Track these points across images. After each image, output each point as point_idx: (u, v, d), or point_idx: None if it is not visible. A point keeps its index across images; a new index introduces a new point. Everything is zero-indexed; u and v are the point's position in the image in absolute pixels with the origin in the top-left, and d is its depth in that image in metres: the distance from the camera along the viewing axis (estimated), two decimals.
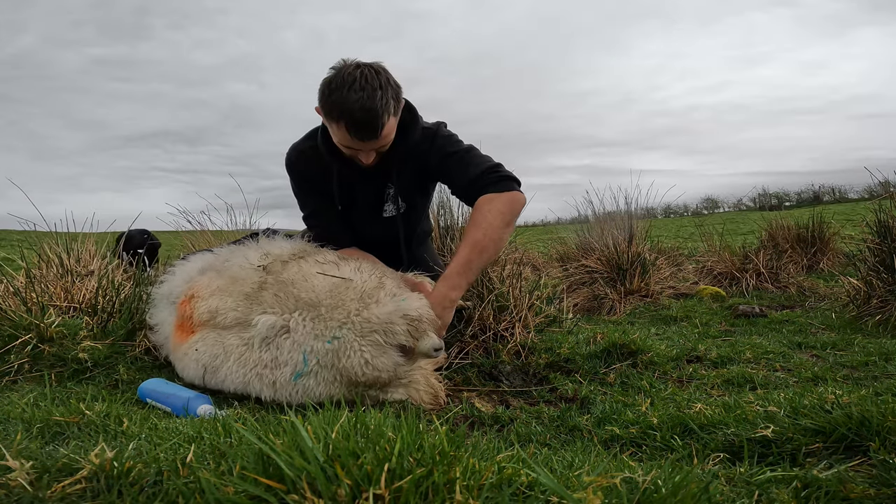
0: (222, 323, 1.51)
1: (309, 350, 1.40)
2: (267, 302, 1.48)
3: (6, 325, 1.67)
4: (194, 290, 1.62)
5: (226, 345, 1.48)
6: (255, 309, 1.48)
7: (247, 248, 1.73)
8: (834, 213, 5.08)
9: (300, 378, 1.40)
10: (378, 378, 1.40)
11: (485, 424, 1.36)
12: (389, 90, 1.54)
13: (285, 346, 1.42)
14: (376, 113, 1.51)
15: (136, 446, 0.86)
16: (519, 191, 1.71)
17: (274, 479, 0.65)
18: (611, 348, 1.88)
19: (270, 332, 1.43)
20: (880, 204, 2.62)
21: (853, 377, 1.65)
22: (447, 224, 2.70)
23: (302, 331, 1.42)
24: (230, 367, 1.45)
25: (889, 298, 2.38)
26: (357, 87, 1.49)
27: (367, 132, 1.54)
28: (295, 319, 1.43)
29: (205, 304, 1.55)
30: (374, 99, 1.50)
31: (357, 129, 1.54)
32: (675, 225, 14.00)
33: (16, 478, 0.72)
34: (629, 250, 3.50)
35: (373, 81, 1.51)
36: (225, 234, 3.88)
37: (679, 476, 0.74)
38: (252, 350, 1.45)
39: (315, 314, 1.43)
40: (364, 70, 1.52)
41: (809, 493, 0.80)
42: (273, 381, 1.41)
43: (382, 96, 1.51)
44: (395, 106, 1.58)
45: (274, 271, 1.56)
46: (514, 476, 0.70)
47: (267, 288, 1.51)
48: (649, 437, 1.16)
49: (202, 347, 1.51)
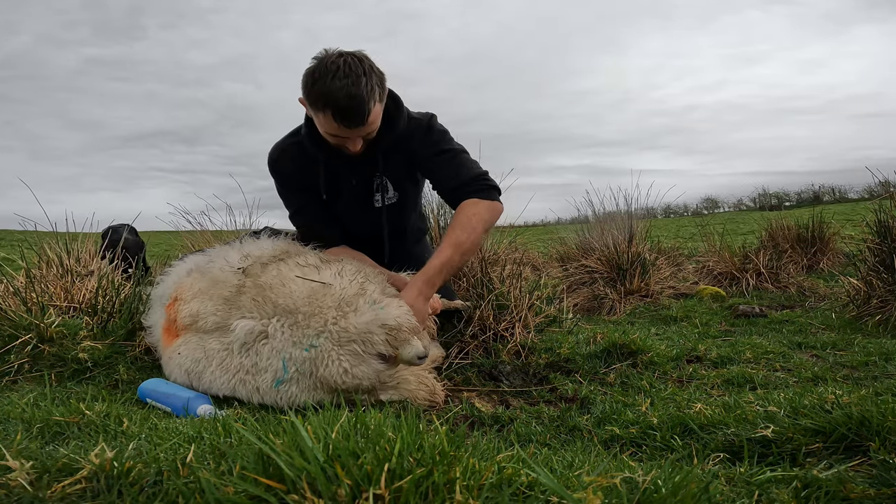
0: (203, 327, 1.49)
1: (288, 357, 1.37)
2: (245, 306, 1.46)
3: (6, 325, 1.67)
4: (178, 292, 1.60)
5: (207, 349, 1.46)
6: (234, 313, 1.46)
7: (229, 248, 1.71)
8: (834, 213, 5.08)
9: (281, 385, 1.38)
10: (359, 385, 1.37)
11: (485, 424, 1.36)
12: (373, 77, 1.55)
13: (264, 353, 1.40)
14: (362, 99, 1.51)
15: (136, 446, 0.86)
16: (500, 202, 1.78)
17: (274, 479, 0.65)
18: (611, 348, 1.88)
19: (249, 337, 1.41)
20: (880, 204, 2.62)
21: (853, 377, 1.65)
22: (447, 224, 2.69)
23: (280, 337, 1.39)
24: (213, 371, 1.44)
25: (889, 298, 2.38)
26: (341, 74, 1.50)
27: (354, 119, 1.54)
28: (273, 325, 1.41)
29: (187, 307, 1.53)
30: (360, 85, 1.50)
31: (343, 116, 1.53)
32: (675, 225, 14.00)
33: (16, 478, 0.72)
34: (629, 250, 3.50)
35: (356, 69, 1.51)
36: (225, 234, 3.88)
37: (679, 476, 0.74)
38: (233, 355, 1.43)
39: (293, 321, 1.40)
40: (347, 58, 1.53)
41: (809, 493, 0.80)
42: (256, 388, 1.40)
43: (367, 83, 1.52)
44: (380, 92, 1.58)
45: (253, 274, 1.53)
46: (514, 476, 0.70)
47: (245, 292, 1.48)
48: (649, 437, 1.16)
49: (184, 352, 1.49)
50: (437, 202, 2.84)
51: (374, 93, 1.54)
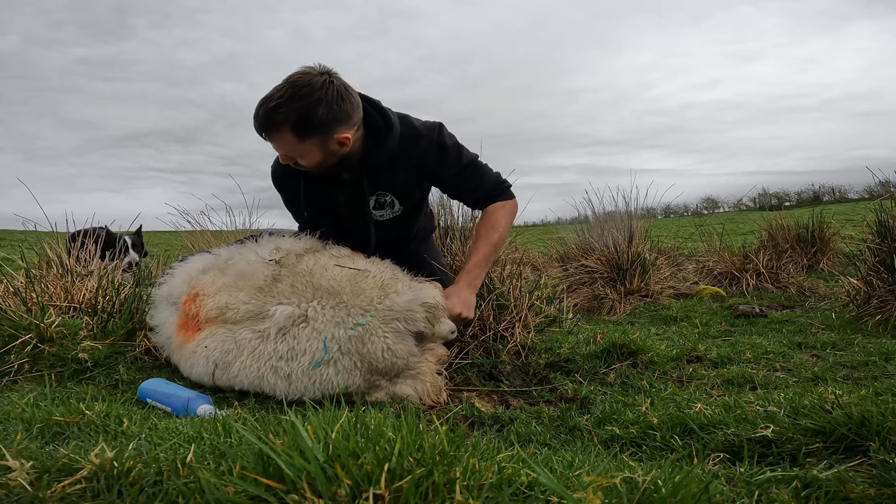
0: (233, 318, 1.52)
1: (330, 337, 1.43)
2: (283, 293, 1.51)
3: (6, 325, 1.67)
4: (198, 288, 1.63)
5: (238, 339, 1.49)
6: (270, 301, 1.51)
7: (254, 244, 1.76)
8: (834, 213, 5.07)
9: (318, 367, 1.41)
10: (394, 364, 1.45)
11: (485, 424, 1.36)
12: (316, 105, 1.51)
13: (303, 336, 1.44)
14: (273, 111, 1.51)
15: (136, 446, 0.86)
16: (515, 197, 1.97)
17: (274, 479, 0.65)
18: (611, 348, 1.88)
19: (288, 321, 1.45)
20: (880, 204, 2.62)
21: (853, 377, 1.65)
22: (447, 224, 2.69)
23: (322, 318, 1.45)
24: (244, 361, 1.46)
25: (889, 298, 2.38)
26: (279, 87, 1.53)
27: (260, 124, 1.57)
28: (314, 308, 1.47)
29: (212, 300, 1.56)
30: (283, 100, 1.51)
31: (256, 118, 1.56)
32: (675, 225, 14.00)
33: (16, 478, 0.72)
34: (629, 250, 3.50)
35: (302, 90, 1.51)
36: (224, 234, 3.88)
37: (679, 476, 0.74)
38: (267, 342, 1.46)
39: (336, 301, 1.48)
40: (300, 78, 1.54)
41: (809, 493, 0.80)
42: (288, 374, 1.42)
43: (293, 104, 1.50)
44: (304, 124, 1.53)
45: (288, 264, 1.60)
46: (514, 476, 0.71)
47: (282, 280, 1.54)
48: (649, 437, 1.16)
49: (211, 344, 1.51)
50: (437, 202, 2.84)
51: (291, 116, 1.51)
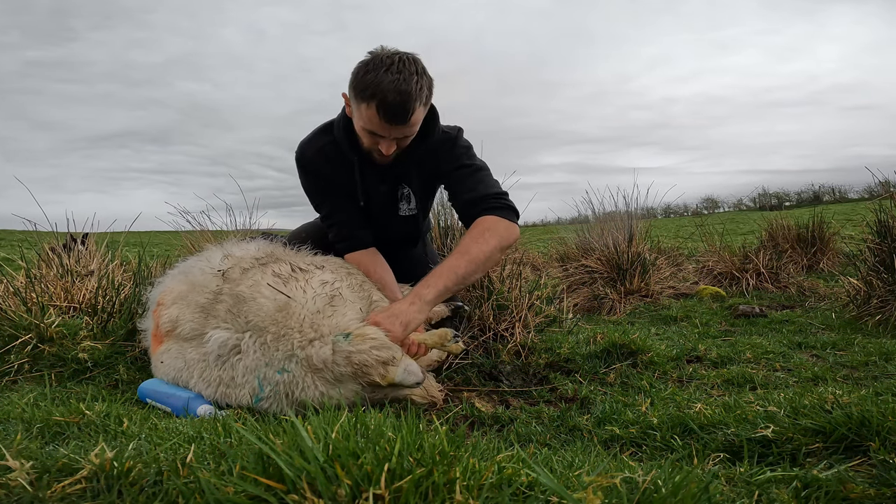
0: (182, 334, 1.45)
1: (262, 377, 1.32)
2: (220, 316, 1.41)
3: (6, 325, 1.67)
4: (161, 296, 1.57)
5: (187, 359, 1.42)
6: (210, 322, 1.41)
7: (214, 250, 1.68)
8: (834, 213, 5.08)
9: (259, 402, 1.33)
10: (342, 399, 1.31)
11: (485, 424, 1.36)
12: (424, 78, 1.54)
13: (239, 368, 1.34)
14: (409, 96, 1.49)
15: (136, 446, 0.86)
16: (517, 224, 1.72)
17: (274, 479, 0.65)
18: (611, 348, 1.88)
19: (223, 349, 1.36)
20: (880, 204, 2.62)
21: (853, 377, 1.65)
22: (447, 224, 2.70)
23: (253, 356, 1.33)
24: (196, 383, 1.39)
25: (889, 298, 2.38)
26: (394, 69, 1.49)
27: (398, 115, 1.52)
28: (246, 342, 1.35)
29: (167, 312, 1.49)
30: (410, 83, 1.49)
31: (387, 110, 1.51)
32: (675, 225, 14.00)
33: (16, 478, 0.72)
34: (629, 250, 3.50)
35: (409, 67, 1.51)
36: (225, 234, 3.88)
37: (679, 476, 0.74)
38: (210, 367, 1.38)
39: (263, 340, 1.34)
40: (402, 56, 1.53)
41: (809, 493, 0.80)
42: (238, 402, 1.35)
43: (418, 81, 1.51)
44: (427, 97, 1.57)
45: (232, 279, 1.48)
46: (514, 476, 0.70)
47: (221, 301, 1.43)
48: (649, 437, 1.16)
49: (167, 360, 1.46)
50: (437, 202, 2.84)
51: (422, 94, 1.53)
